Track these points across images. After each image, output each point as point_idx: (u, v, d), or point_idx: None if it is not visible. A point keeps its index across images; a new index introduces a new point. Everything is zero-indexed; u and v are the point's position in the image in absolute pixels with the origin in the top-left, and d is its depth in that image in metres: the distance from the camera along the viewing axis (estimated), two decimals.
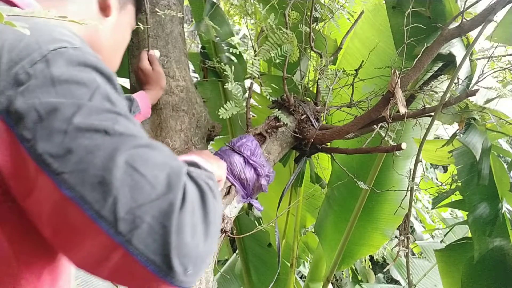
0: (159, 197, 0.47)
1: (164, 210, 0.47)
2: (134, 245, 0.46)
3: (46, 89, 0.47)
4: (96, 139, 0.47)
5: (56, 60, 0.49)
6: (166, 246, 0.46)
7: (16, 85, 0.47)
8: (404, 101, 1.17)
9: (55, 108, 0.47)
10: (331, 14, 1.41)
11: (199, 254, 0.49)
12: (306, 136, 1.30)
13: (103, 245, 0.47)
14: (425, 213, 3.56)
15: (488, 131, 1.46)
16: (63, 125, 0.47)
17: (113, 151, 0.47)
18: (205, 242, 0.50)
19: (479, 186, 1.49)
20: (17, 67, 0.48)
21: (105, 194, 0.46)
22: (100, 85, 0.51)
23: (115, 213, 0.45)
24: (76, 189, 0.46)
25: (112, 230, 0.45)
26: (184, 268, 0.47)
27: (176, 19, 1.32)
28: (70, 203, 0.46)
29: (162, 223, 0.46)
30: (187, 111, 1.27)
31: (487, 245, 1.58)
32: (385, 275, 3.72)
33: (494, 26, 1.26)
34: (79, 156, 0.46)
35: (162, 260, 0.46)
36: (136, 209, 0.46)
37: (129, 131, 0.50)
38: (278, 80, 1.77)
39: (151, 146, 0.51)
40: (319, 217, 2.15)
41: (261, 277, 2.13)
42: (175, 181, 0.49)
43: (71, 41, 0.52)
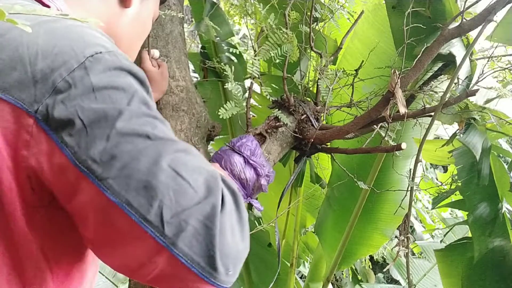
0: (202, 201, 0.48)
1: (208, 213, 0.48)
2: (179, 248, 0.47)
3: (87, 96, 0.48)
4: (139, 144, 0.48)
5: (94, 67, 0.49)
6: (211, 248, 0.47)
7: (55, 93, 0.48)
8: (404, 101, 1.17)
9: (97, 114, 0.48)
10: (331, 14, 1.41)
11: (238, 254, 0.51)
12: (306, 136, 1.30)
13: (148, 248, 0.47)
14: (425, 213, 3.56)
15: (488, 131, 1.46)
16: (106, 130, 0.47)
17: (156, 156, 0.48)
18: (242, 242, 0.52)
19: (479, 186, 1.49)
20: (54, 74, 0.48)
21: (151, 199, 0.46)
22: (137, 89, 0.51)
23: (161, 217, 0.46)
24: (122, 194, 0.46)
25: (158, 233, 0.47)
26: (226, 268, 0.49)
27: (176, 19, 1.32)
28: (115, 208, 0.47)
29: (206, 226, 0.48)
30: (187, 111, 1.27)
31: (487, 245, 1.58)
32: (385, 275, 3.72)
33: (494, 26, 1.26)
34: (124, 161, 0.47)
35: (207, 262, 0.48)
36: (182, 213, 0.47)
37: (167, 135, 0.51)
38: (278, 80, 1.77)
39: (187, 150, 0.52)
40: (319, 217, 2.15)
41: (261, 277, 2.13)
42: (214, 184, 0.50)
43: (103, 44, 0.52)
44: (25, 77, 0.48)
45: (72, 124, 0.47)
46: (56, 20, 0.52)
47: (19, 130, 0.48)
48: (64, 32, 0.51)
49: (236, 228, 0.51)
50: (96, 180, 0.47)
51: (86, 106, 0.48)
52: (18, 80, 0.48)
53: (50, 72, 0.48)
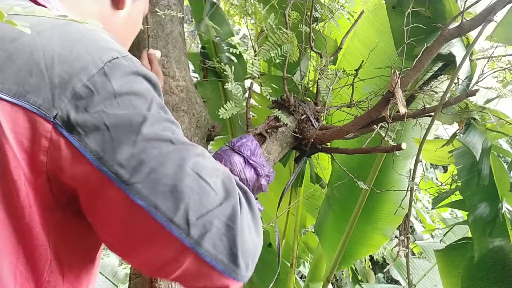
0: (223, 202, 0.51)
1: (230, 214, 0.51)
2: (204, 248, 0.49)
3: (110, 102, 0.49)
4: (164, 149, 0.50)
5: (113, 72, 0.50)
6: (233, 246, 0.51)
7: (74, 99, 0.48)
8: (404, 101, 1.17)
9: (122, 119, 0.49)
10: (331, 14, 1.41)
11: (255, 250, 0.54)
12: (306, 136, 1.30)
13: (173, 249, 0.50)
14: (425, 213, 3.56)
15: (488, 131, 1.46)
16: (132, 136, 0.49)
17: (181, 160, 0.50)
18: (258, 238, 0.55)
19: (479, 186, 1.49)
20: (73, 80, 0.48)
21: (178, 202, 0.49)
22: (154, 94, 0.53)
23: (187, 219, 0.49)
24: (149, 198, 0.48)
25: (184, 235, 0.49)
26: (246, 263, 0.52)
27: (176, 19, 1.32)
28: (142, 212, 0.48)
29: (228, 226, 0.50)
30: (187, 111, 1.27)
31: (487, 245, 1.58)
32: (385, 275, 3.72)
33: (494, 26, 1.26)
34: (151, 166, 0.48)
35: (230, 259, 0.51)
36: (206, 215, 0.50)
37: (185, 139, 0.54)
38: (278, 80, 1.77)
39: (204, 154, 0.55)
40: (319, 217, 2.15)
41: (261, 277, 2.13)
42: (231, 186, 0.54)
43: (117, 48, 0.53)
44: (42, 82, 0.48)
45: (96, 130, 0.48)
46: (67, 23, 0.52)
47: (36, 136, 0.48)
48: (78, 36, 0.52)
49: (252, 226, 0.54)
50: (124, 185, 0.48)
51: (110, 112, 0.48)
52: (34, 85, 0.48)
53: (69, 77, 0.48)
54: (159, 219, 0.48)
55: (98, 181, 0.48)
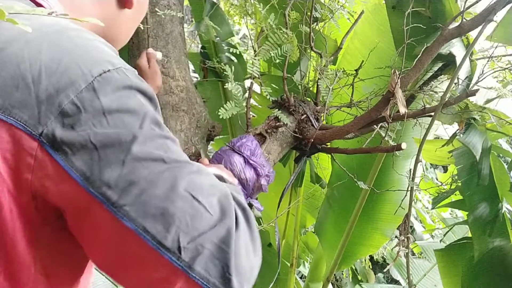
0: (217, 223, 0.49)
1: (223, 236, 0.49)
2: (196, 271, 0.47)
3: (98, 120, 0.46)
4: (155, 169, 0.47)
5: (103, 87, 0.47)
6: (226, 269, 0.48)
7: (61, 116, 0.46)
8: (404, 101, 1.17)
9: (111, 139, 0.46)
10: (331, 14, 1.41)
11: (252, 271, 0.52)
12: (306, 136, 1.30)
13: (164, 272, 0.48)
14: (425, 213, 3.56)
15: (488, 131, 1.46)
16: (121, 155, 0.46)
17: (173, 180, 0.48)
18: (254, 258, 0.53)
19: (479, 186, 1.49)
20: (60, 96, 0.46)
21: (168, 225, 0.46)
22: (147, 110, 0.50)
23: (178, 243, 0.47)
24: (138, 221, 0.46)
25: (174, 258, 0.47)
26: (241, 286, 0.50)
27: (176, 19, 1.32)
28: (131, 235, 0.46)
29: (222, 249, 0.48)
30: (187, 111, 1.27)
31: (487, 245, 1.58)
32: (385, 275, 3.72)
33: (494, 26, 1.26)
34: (140, 187, 0.46)
35: (222, 283, 0.48)
36: (198, 237, 0.47)
37: (180, 157, 0.51)
38: (278, 80, 1.77)
39: (199, 171, 0.52)
40: (319, 217, 2.15)
41: (261, 277, 2.11)
42: (227, 205, 0.51)
43: (110, 59, 0.50)
44: (27, 97, 0.45)
45: (83, 149, 0.46)
46: (59, 31, 0.50)
47: (20, 153, 0.46)
48: (69, 46, 0.49)
49: (250, 246, 0.52)
50: (111, 207, 0.46)
51: (98, 131, 0.46)
52: (20, 100, 0.45)
53: (56, 93, 0.46)
54: (149, 242, 0.46)
55: (85, 201, 0.46)
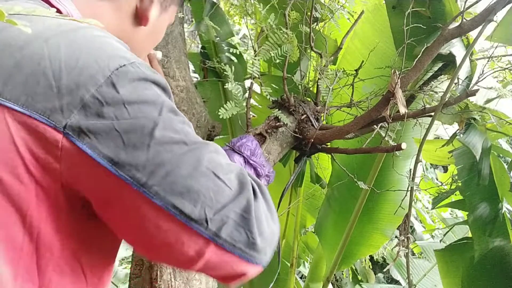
0: (238, 196, 0.54)
1: (244, 206, 0.54)
2: (223, 239, 0.53)
3: (119, 111, 0.50)
4: (178, 151, 0.52)
5: (120, 81, 0.51)
6: (250, 235, 0.54)
7: (84, 108, 0.49)
8: (404, 101, 1.17)
9: (133, 126, 0.50)
10: (331, 14, 1.41)
11: (272, 236, 0.58)
12: (306, 136, 1.30)
13: (195, 243, 0.53)
14: (425, 213, 3.56)
15: (488, 131, 1.46)
16: (145, 140, 0.50)
17: (195, 160, 0.53)
18: (274, 225, 0.59)
19: (479, 186, 1.49)
20: (81, 90, 0.49)
21: (194, 201, 0.51)
22: (164, 99, 0.54)
23: (205, 216, 0.52)
24: (167, 198, 0.50)
25: (203, 229, 0.52)
26: (264, 249, 0.56)
27: (176, 19, 1.32)
28: (161, 212, 0.51)
29: (244, 217, 0.54)
30: (187, 111, 1.27)
31: (487, 245, 1.58)
32: (385, 275, 3.72)
33: (494, 26, 1.26)
34: (167, 169, 0.51)
35: (248, 247, 0.54)
36: (222, 209, 0.53)
37: (198, 139, 0.56)
38: (278, 80, 1.77)
39: (217, 150, 0.57)
40: (319, 217, 2.15)
41: (261, 277, 2.11)
42: (244, 180, 0.57)
43: (124, 55, 0.53)
44: (49, 92, 0.48)
45: (108, 137, 0.49)
46: (74, 30, 0.53)
47: (47, 145, 0.49)
48: (85, 43, 0.52)
49: (268, 214, 0.58)
50: (142, 188, 0.50)
51: (120, 120, 0.50)
52: (42, 95, 0.48)
53: (76, 88, 0.49)
54: (178, 216, 0.51)
55: (114, 186, 0.50)
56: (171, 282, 1.13)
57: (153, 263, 1.15)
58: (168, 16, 0.76)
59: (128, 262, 3.76)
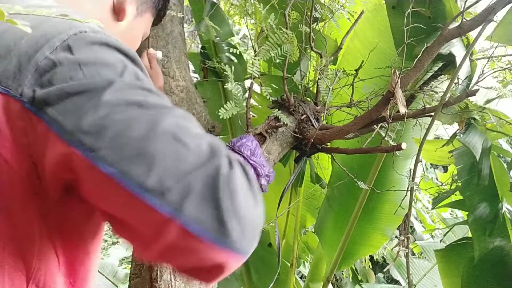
0: (205, 163, 0.45)
1: (212, 175, 0.44)
2: (185, 214, 0.43)
3: (74, 73, 0.46)
4: (131, 112, 0.45)
5: (77, 43, 0.48)
6: (220, 211, 0.43)
7: (38, 73, 0.47)
8: (404, 101, 1.17)
9: (85, 87, 0.46)
10: (331, 14, 1.41)
11: (252, 218, 0.46)
12: (306, 136, 1.30)
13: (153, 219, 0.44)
14: (425, 213, 3.55)
15: (488, 131, 1.46)
16: (94, 101, 0.45)
17: (151, 122, 0.45)
18: (255, 208, 0.47)
19: (479, 186, 1.49)
20: (37, 55, 0.47)
21: (148, 167, 0.43)
22: (127, 64, 0.50)
23: (162, 184, 0.43)
24: (115, 164, 0.44)
25: (160, 201, 0.43)
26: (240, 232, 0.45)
27: (176, 19, 1.32)
28: (111, 180, 0.44)
29: (212, 188, 0.44)
30: (187, 111, 1.27)
31: (487, 245, 1.58)
32: (385, 275, 3.72)
33: (494, 26, 1.26)
34: (115, 130, 0.44)
35: (218, 226, 0.43)
36: (184, 177, 0.43)
37: (162, 103, 0.49)
38: (278, 80, 1.77)
39: (186, 117, 0.50)
40: (319, 217, 2.15)
41: (261, 277, 2.13)
42: (218, 148, 0.47)
43: (91, 26, 0.51)
44: (10, 63, 0.47)
45: (60, 101, 0.46)
46: None
47: (9, 117, 0.47)
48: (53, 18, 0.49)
49: (248, 194, 0.47)
50: (89, 152, 0.44)
51: (74, 82, 0.46)
52: (5, 68, 0.47)
53: (33, 53, 0.47)
54: (130, 186, 0.43)
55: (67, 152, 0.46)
56: (171, 282, 1.13)
57: (153, 263, 1.15)
58: (144, 23, 0.77)
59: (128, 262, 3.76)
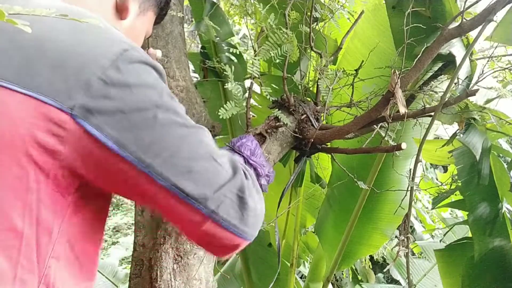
0: (232, 178, 0.60)
1: (239, 187, 0.60)
2: (220, 216, 0.58)
3: (124, 93, 0.52)
4: (180, 133, 0.56)
5: (125, 64, 0.53)
6: (244, 212, 0.60)
7: (90, 91, 0.50)
8: (404, 101, 1.17)
9: (138, 107, 0.53)
10: (331, 14, 1.41)
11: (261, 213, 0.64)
12: (306, 136, 1.30)
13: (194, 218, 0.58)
14: (425, 213, 3.55)
15: (488, 131, 1.46)
16: (149, 122, 0.53)
17: (196, 144, 0.58)
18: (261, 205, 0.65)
19: (479, 186, 1.49)
20: (87, 72, 0.50)
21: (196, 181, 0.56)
22: (162, 84, 0.57)
23: (205, 195, 0.57)
24: (170, 179, 0.55)
25: (202, 207, 0.57)
26: (254, 225, 0.62)
27: (176, 19, 1.32)
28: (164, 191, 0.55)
29: (239, 196, 0.60)
30: (187, 111, 1.27)
31: (487, 245, 1.58)
32: (385, 275, 3.72)
33: (494, 26, 1.26)
34: (169, 150, 0.54)
35: (240, 222, 0.60)
36: (219, 189, 0.58)
37: (194, 123, 0.60)
38: (278, 80, 1.77)
39: (209, 136, 0.62)
40: (319, 217, 2.15)
41: (261, 277, 2.13)
42: (236, 164, 0.63)
43: (125, 40, 0.56)
44: (54, 74, 0.49)
45: (113, 118, 0.51)
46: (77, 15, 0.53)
47: (51, 127, 0.49)
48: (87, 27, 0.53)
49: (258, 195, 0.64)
50: (147, 169, 0.53)
51: (126, 102, 0.52)
52: (47, 77, 0.49)
53: (82, 69, 0.50)
54: (180, 196, 0.55)
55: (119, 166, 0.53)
56: (171, 282, 1.13)
57: (153, 263, 1.15)
58: (147, 22, 0.79)
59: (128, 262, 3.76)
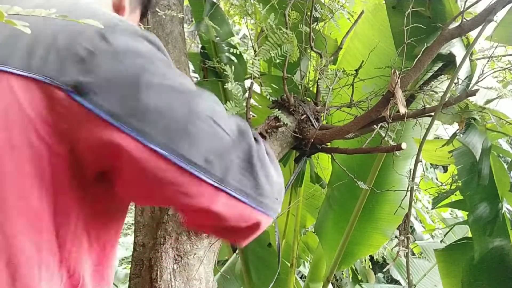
0: (239, 142, 0.54)
1: (246, 150, 0.54)
2: (231, 184, 0.52)
3: (112, 61, 0.50)
4: (173, 96, 0.51)
5: (111, 34, 0.51)
6: (257, 178, 0.53)
7: (78, 63, 0.49)
8: (404, 101, 1.17)
9: (126, 75, 0.50)
10: (331, 14, 1.41)
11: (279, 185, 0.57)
12: (306, 136, 1.30)
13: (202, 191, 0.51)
14: (425, 213, 3.55)
15: (488, 131, 1.46)
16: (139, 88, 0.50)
17: (191, 105, 0.52)
18: (278, 177, 0.58)
19: (479, 186, 1.49)
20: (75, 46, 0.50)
21: (195, 145, 0.50)
22: (156, 53, 0.54)
23: (208, 160, 0.51)
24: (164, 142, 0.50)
25: (208, 175, 0.51)
26: (272, 196, 0.55)
27: (176, 19, 1.32)
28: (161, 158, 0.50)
29: (248, 161, 0.53)
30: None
31: (487, 245, 1.58)
32: (385, 275, 3.72)
33: (494, 26, 1.26)
34: (161, 113, 0.50)
35: (255, 191, 0.53)
36: (224, 154, 0.52)
37: (194, 88, 0.55)
38: (278, 80, 1.77)
39: (216, 101, 0.56)
40: (319, 217, 2.15)
41: (261, 277, 2.13)
42: (245, 127, 0.56)
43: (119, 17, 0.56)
44: (52, 56, 0.50)
45: (104, 88, 0.49)
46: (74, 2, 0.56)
47: (52, 105, 0.49)
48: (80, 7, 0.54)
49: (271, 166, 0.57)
50: (138, 134, 0.49)
51: (114, 69, 0.50)
52: (42, 57, 0.49)
53: (71, 44, 0.50)
54: (178, 161, 0.50)
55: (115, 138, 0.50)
56: (171, 282, 1.13)
57: (153, 263, 1.15)
58: (136, 20, 0.80)
59: (128, 262, 3.76)
